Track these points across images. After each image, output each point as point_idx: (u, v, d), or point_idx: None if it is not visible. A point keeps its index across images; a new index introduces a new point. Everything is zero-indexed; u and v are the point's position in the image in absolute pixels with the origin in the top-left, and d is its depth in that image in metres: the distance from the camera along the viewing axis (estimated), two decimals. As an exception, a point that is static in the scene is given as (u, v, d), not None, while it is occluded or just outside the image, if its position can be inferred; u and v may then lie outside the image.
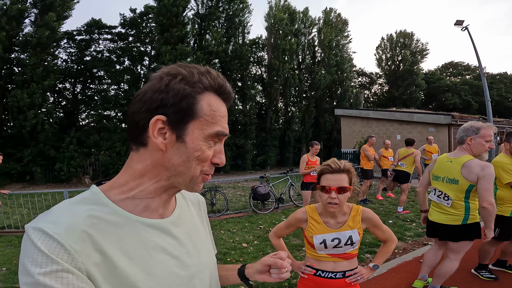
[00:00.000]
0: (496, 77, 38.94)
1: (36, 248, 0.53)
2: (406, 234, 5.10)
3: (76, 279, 0.53)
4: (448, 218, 2.69)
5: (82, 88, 18.91)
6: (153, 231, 0.65)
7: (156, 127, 0.61)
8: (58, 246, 0.53)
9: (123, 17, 18.34)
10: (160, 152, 0.63)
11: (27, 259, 0.53)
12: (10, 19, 13.84)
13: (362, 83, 37.42)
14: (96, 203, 0.62)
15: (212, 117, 0.64)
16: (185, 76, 0.62)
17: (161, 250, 0.65)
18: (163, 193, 0.67)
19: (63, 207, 0.60)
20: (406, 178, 6.78)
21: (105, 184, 0.67)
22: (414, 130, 14.63)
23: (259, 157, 19.23)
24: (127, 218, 0.63)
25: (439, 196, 2.74)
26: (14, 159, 14.04)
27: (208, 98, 0.64)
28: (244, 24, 19.71)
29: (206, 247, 0.80)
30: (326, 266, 1.70)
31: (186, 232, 0.73)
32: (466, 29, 13.76)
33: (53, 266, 0.52)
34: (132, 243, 0.61)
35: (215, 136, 0.65)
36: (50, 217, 0.58)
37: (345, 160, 1.70)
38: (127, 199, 0.65)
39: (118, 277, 0.58)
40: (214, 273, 0.79)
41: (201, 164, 0.64)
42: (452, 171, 2.64)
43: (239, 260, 4.16)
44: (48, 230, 0.54)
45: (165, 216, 0.69)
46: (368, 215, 1.74)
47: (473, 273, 3.46)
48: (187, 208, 0.79)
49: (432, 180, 2.87)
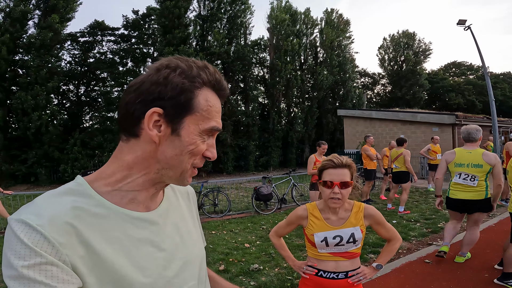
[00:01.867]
0: (499, 76, 38.67)
1: (19, 240, 0.51)
2: (410, 234, 5.07)
3: (60, 272, 0.52)
4: (474, 195, 3.56)
5: (85, 90, 19.03)
6: (139, 223, 0.64)
7: (152, 119, 0.60)
8: (41, 239, 0.52)
9: (126, 18, 18.46)
10: (153, 144, 0.62)
11: (10, 251, 0.51)
12: (13, 21, 13.95)
13: (365, 83, 37.32)
14: (81, 194, 0.60)
15: (208, 112, 0.64)
16: (184, 69, 0.62)
17: (148, 242, 0.64)
18: (150, 187, 0.66)
19: (46, 198, 0.58)
20: (407, 177, 6.73)
21: (91, 174, 0.66)
22: (418, 130, 14.55)
23: (262, 158, 19.20)
24: (112, 210, 0.61)
25: (465, 179, 3.59)
26: (19, 161, 14.14)
27: (205, 93, 0.64)
28: (246, 25, 19.72)
29: (195, 239, 0.78)
30: (328, 266, 1.67)
31: (173, 224, 0.72)
32: (469, 29, 13.67)
33: (37, 259, 0.51)
34: (117, 236, 0.60)
35: (210, 131, 0.65)
36: (33, 208, 0.56)
37: (346, 156, 1.69)
38: (114, 191, 0.63)
39: (104, 269, 0.57)
40: (202, 266, 0.78)
41: (193, 157, 0.64)
42: (475, 158, 3.53)
43: (241, 261, 4.15)
44: (31, 222, 0.52)
45: (152, 209, 0.68)
46: (371, 212, 1.71)
47: (497, 283, 3.19)
48: (175, 199, 0.78)
49: (455, 167, 3.68)
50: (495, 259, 3.81)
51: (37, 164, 14.11)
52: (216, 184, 8.67)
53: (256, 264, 3.97)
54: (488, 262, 3.77)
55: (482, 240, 4.64)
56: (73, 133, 15.22)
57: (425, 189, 9.24)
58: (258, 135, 19.28)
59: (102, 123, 17.84)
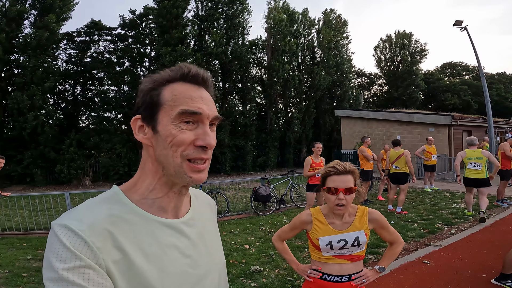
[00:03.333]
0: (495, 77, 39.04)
1: (61, 244, 0.55)
2: (408, 235, 5.11)
3: (96, 275, 0.55)
4: (480, 176, 5.82)
5: (82, 89, 18.89)
6: (168, 230, 0.67)
7: (135, 125, 0.68)
8: (82, 243, 0.55)
9: (123, 18, 18.33)
10: (151, 148, 0.67)
11: (52, 254, 0.54)
12: (9, 20, 13.83)
13: (362, 83, 37.48)
14: (116, 202, 0.65)
15: (175, 100, 0.65)
16: (151, 77, 0.68)
17: (175, 249, 0.67)
18: (169, 191, 0.69)
19: (87, 206, 0.63)
20: (406, 178, 6.76)
21: (124, 183, 0.71)
22: (415, 130, 14.65)
23: (260, 158, 19.22)
24: (144, 217, 0.65)
25: (474, 166, 5.89)
26: (15, 161, 14.02)
27: (171, 87, 0.67)
28: (244, 25, 19.72)
29: (217, 248, 0.82)
30: (332, 269, 1.68)
31: (198, 233, 0.75)
32: (465, 30, 13.79)
33: (77, 262, 0.54)
34: (148, 241, 0.64)
35: (182, 116, 0.64)
36: (75, 214, 0.60)
37: (347, 162, 1.71)
38: (143, 199, 0.68)
39: (134, 274, 0.60)
40: (223, 274, 0.81)
41: (178, 149, 0.64)
42: (477, 154, 5.92)
43: (242, 262, 4.16)
44: (73, 227, 0.56)
45: (179, 217, 0.72)
46: (375, 216, 1.73)
47: (494, 284, 3.25)
48: (200, 210, 0.81)
49: (467, 160, 5.96)
50: (492, 259, 3.86)
51: (33, 164, 14.00)
52: (215, 185, 8.67)
53: (256, 265, 3.98)
54: (485, 262, 3.82)
55: (479, 240, 4.70)
56: (69, 133, 15.11)
57: (422, 190, 9.31)
58: (255, 135, 19.30)
59: (98, 123, 17.70)
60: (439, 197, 8.24)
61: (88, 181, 14.71)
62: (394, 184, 6.98)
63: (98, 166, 15.94)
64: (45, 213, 7.09)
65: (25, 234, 6.02)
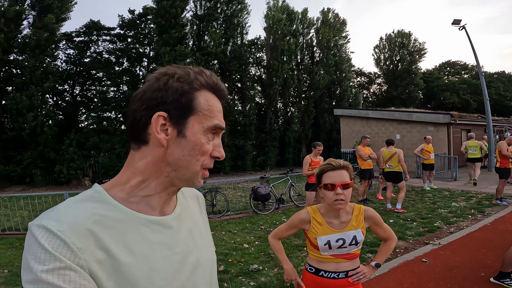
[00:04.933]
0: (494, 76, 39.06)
1: (39, 245, 0.53)
2: (407, 233, 5.12)
3: (78, 277, 0.53)
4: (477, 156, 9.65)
5: (81, 90, 18.87)
6: (155, 227, 0.66)
7: (159, 123, 0.63)
8: (61, 244, 0.54)
9: (122, 18, 18.31)
10: (161, 148, 0.65)
11: (30, 256, 0.53)
12: (8, 21, 13.79)
13: (361, 83, 37.48)
14: (99, 200, 0.63)
15: (210, 111, 0.67)
16: (181, 75, 0.66)
17: (164, 245, 0.66)
18: (162, 191, 0.68)
19: (67, 205, 0.61)
20: (400, 177, 6.80)
21: (107, 182, 0.69)
22: (414, 129, 14.66)
23: (259, 157, 19.21)
24: (129, 215, 0.64)
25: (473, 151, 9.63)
26: (14, 162, 14.00)
27: (204, 95, 0.67)
28: (243, 25, 19.70)
29: (207, 243, 0.81)
30: (329, 266, 1.69)
31: (187, 228, 0.74)
32: (464, 29, 13.80)
33: (56, 264, 0.52)
34: (135, 239, 0.62)
35: (213, 129, 0.67)
36: (54, 214, 0.58)
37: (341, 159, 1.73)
38: (129, 197, 0.66)
39: (122, 273, 0.58)
40: (213, 269, 0.80)
41: (202, 157, 0.66)
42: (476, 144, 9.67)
43: (241, 261, 4.17)
44: (52, 228, 0.54)
45: (166, 213, 0.71)
46: (370, 213, 1.75)
47: (493, 282, 3.26)
48: (187, 205, 0.80)
49: (469, 147, 9.62)
50: (490, 258, 3.88)
51: (33, 165, 13.97)
52: (214, 184, 8.68)
53: (255, 264, 3.99)
54: (484, 261, 3.83)
55: (477, 239, 4.72)
56: (68, 133, 15.08)
57: (421, 188, 9.33)
58: (255, 134, 19.29)
59: (98, 124, 17.69)
60: (438, 195, 8.25)
61: (88, 181, 14.70)
62: (389, 182, 7.02)
63: (98, 166, 15.91)
64: (44, 213, 7.08)
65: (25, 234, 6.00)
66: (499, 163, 6.87)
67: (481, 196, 7.87)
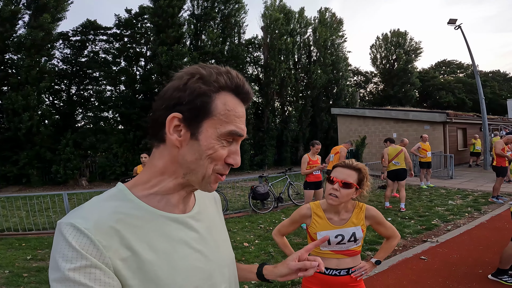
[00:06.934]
0: (489, 74, 39.41)
1: (67, 243, 0.54)
2: (405, 231, 5.17)
3: (103, 275, 0.54)
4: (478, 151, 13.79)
5: (77, 89, 18.76)
6: (176, 225, 0.67)
7: (172, 124, 0.63)
8: (87, 242, 0.54)
9: (118, 17, 18.21)
10: (176, 149, 0.64)
11: (58, 254, 0.54)
12: (3, 20, 13.67)
13: (358, 82, 37.60)
14: (122, 199, 0.64)
15: (227, 116, 0.64)
16: (203, 75, 0.64)
17: (185, 244, 0.66)
18: (181, 190, 0.69)
19: (92, 203, 0.62)
20: (405, 174, 6.84)
21: (129, 181, 0.69)
22: (410, 128, 14.75)
23: (257, 157, 19.24)
24: (151, 213, 0.64)
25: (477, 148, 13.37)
26: (10, 162, 13.91)
27: (224, 97, 0.64)
28: (240, 24, 19.71)
29: (225, 242, 0.81)
30: (330, 263, 1.72)
31: (206, 227, 0.74)
32: (459, 28, 13.91)
33: (82, 262, 0.53)
34: (157, 237, 0.63)
35: (229, 136, 0.65)
36: (81, 212, 0.59)
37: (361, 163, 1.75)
38: (150, 195, 0.66)
39: (145, 271, 0.59)
40: (232, 268, 0.80)
41: (214, 162, 0.65)
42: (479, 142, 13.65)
43: (241, 260, 4.20)
44: (79, 225, 0.55)
45: (186, 211, 0.71)
46: (372, 212, 1.77)
47: (491, 279, 3.30)
48: (205, 204, 0.80)
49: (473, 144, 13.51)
50: (488, 255, 3.93)
51: (29, 165, 13.89)
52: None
53: (255, 263, 4.01)
54: (481, 258, 3.89)
55: (475, 236, 4.78)
56: (65, 133, 14.98)
57: (418, 186, 9.41)
58: (252, 134, 19.30)
59: (94, 123, 17.61)
60: (435, 194, 8.33)
61: (85, 181, 14.63)
62: (393, 181, 7.01)
63: (95, 166, 15.84)
64: (43, 213, 7.06)
65: (24, 235, 5.99)
66: (495, 161, 6.94)
67: (477, 194, 7.95)
